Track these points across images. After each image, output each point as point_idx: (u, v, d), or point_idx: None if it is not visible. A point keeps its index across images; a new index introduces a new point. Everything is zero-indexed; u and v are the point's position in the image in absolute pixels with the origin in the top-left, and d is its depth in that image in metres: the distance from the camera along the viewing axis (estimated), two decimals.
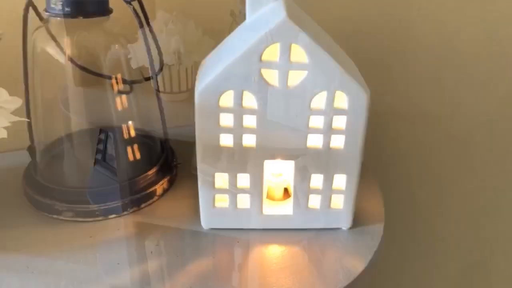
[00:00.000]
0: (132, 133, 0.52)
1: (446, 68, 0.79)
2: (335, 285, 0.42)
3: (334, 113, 0.42)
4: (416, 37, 0.76)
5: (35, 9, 0.49)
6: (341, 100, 0.42)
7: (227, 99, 0.41)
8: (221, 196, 0.47)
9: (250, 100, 0.41)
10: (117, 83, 0.49)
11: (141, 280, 0.42)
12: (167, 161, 0.54)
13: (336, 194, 0.46)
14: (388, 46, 0.76)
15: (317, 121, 0.42)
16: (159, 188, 0.52)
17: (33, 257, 0.44)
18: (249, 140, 0.43)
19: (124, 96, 0.50)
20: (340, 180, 0.46)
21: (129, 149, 0.52)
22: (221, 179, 0.46)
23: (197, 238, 0.47)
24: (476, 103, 0.83)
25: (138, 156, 0.53)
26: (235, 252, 0.46)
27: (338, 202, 0.47)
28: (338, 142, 0.44)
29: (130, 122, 0.52)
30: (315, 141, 0.44)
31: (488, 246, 0.98)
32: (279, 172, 0.49)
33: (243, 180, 0.45)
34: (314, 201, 0.47)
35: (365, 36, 0.74)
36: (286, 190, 0.51)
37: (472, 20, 0.76)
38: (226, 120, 0.42)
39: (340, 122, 0.43)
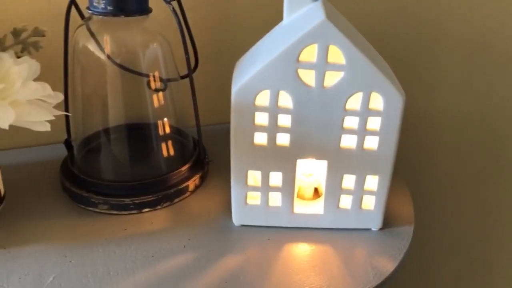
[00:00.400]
0: (167, 130, 0.54)
1: (476, 71, 0.79)
2: (365, 284, 0.42)
3: (369, 115, 0.42)
4: (445, 40, 0.75)
5: (77, 7, 0.51)
6: (377, 101, 0.42)
7: (263, 98, 0.42)
8: (253, 194, 0.47)
9: (285, 100, 0.42)
10: (154, 80, 0.51)
11: (175, 273, 0.43)
12: (199, 158, 0.55)
13: (367, 195, 0.47)
14: (416, 49, 0.76)
15: (351, 122, 0.43)
16: (191, 184, 0.53)
17: (71, 247, 0.46)
18: (283, 139, 0.44)
19: (160, 93, 0.52)
20: (372, 181, 0.46)
21: (163, 145, 0.54)
22: (254, 177, 0.47)
23: (229, 234, 0.48)
24: (507, 107, 0.82)
25: (172, 152, 0.54)
26: (266, 249, 0.46)
27: (369, 203, 0.47)
28: (371, 143, 0.44)
29: (165, 119, 0.53)
30: (348, 141, 0.44)
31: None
32: (310, 172, 0.50)
33: (275, 178, 0.46)
34: (345, 202, 0.47)
35: (392, 38, 0.74)
36: (316, 190, 0.52)
37: (503, 22, 0.75)
38: (261, 118, 0.43)
39: (374, 123, 0.43)
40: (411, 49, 0.76)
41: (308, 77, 0.41)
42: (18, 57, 0.48)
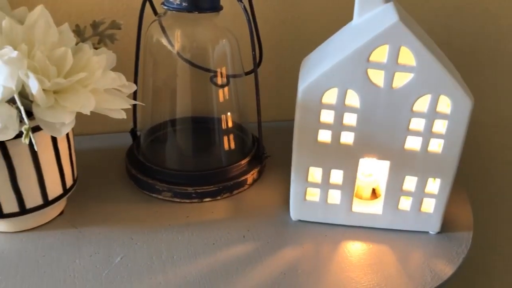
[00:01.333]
0: (230, 124, 0.55)
1: None
2: (423, 286, 0.43)
3: (436, 117, 0.43)
4: (509, 42, 0.74)
5: (151, 3, 0.54)
6: (445, 104, 0.42)
7: (330, 96, 0.43)
8: (312, 190, 0.48)
9: (353, 99, 0.43)
10: (221, 76, 0.52)
11: (236, 261, 0.45)
12: (258, 153, 0.57)
13: (428, 198, 0.47)
14: (478, 53, 0.74)
15: (417, 124, 0.43)
16: (250, 177, 0.55)
17: (136, 230, 0.48)
18: (347, 138, 0.45)
19: (225, 89, 0.53)
20: (433, 184, 0.46)
21: (225, 139, 0.56)
22: (315, 174, 0.48)
23: (286, 228, 0.49)
24: None
25: (232, 146, 0.56)
26: (323, 245, 0.47)
27: (429, 206, 0.47)
28: (436, 146, 0.44)
29: (228, 114, 0.55)
30: (413, 143, 0.44)
31: None
32: (369, 172, 0.51)
33: (336, 176, 0.47)
34: (405, 203, 0.47)
35: (454, 42, 0.73)
36: (373, 190, 0.52)
37: None
38: (327, 116, 0.44)
39: (440, 126, 0.43)
40: (473, 53, 0.75)
41: (377, 77, 0.42)
42: (95, 48, 0.50)
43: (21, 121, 0.39)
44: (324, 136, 0.45)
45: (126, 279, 0.42)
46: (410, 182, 0.46)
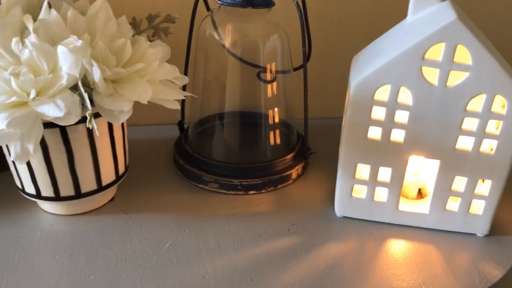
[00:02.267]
0: (276, 120, 0.56)
1: None
2: (471, 287, 0.42)
3: (490, 117, 0.42)
4: None
5: (205, 0, 0.55)
6: (499, 104, 0.41)
7: (382, 93, 0.43)
8: (359, 187, 0.48)
9: (405, 96, 0.43)
10: (270, 72, 0.53)
11: (281, 253, 0.45)
12: (303, 149, 0.57)
13: (477, 199, 0.46)
14: None
15: (470, 124, 0.43)
16: (294, 172, 0.55)
17: (184, 218, 0.50)
18: (397, 135, 0.45)
19: (274, 85, 0.54)
20: (483, 186, 0.46)
21: (271, 134, 0.56)
22: (362, 171, 0.48)
23: (331, 223, 0.50)
24: None
25: (278, 141, 0.57)
26: (368, 241, 0.47)
27: (478, 207, 0.47)
28: (489, 146, 0.43)
29: (276, 109, 0.55)
30: (465, 143, 0.44)
31: None
32: (416, 172, 0.50)
33: (384, 174, 0.47)
34: (453, 204, 0.47)
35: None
36: (419, 190, 0.52)
37: None
38: (378, 113, 0.44)
39: (494, 126, 0.43)
40: None
41: (431, 75, 0.41)
42: (150, 41, 0.52)
43: (83, 107, 0.41)
44: (374, 133, 0.45)
45: (175, 265, 0.44)
46: (459, 183, 0.46)
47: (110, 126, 0.47)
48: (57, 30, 0.42)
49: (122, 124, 0.49)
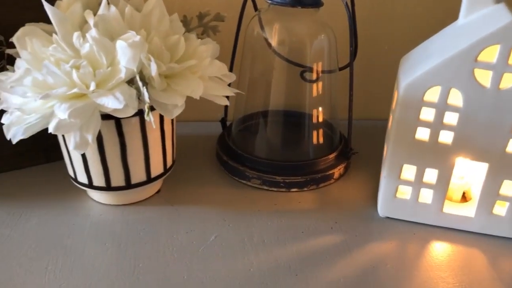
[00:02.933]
0: (320, 119, 0.56)
1: None
2: None
3: None
4: None
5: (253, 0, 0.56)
6: None
7: (432, 94, 0.43)
8: (403, 188, 0.49)
9: (455, 98, 0.43)
10: (316, 71, 0.54)
11: (324, 251, 0.46)
12: (345, 149, 0.58)
13: None
14: None
15: None
16: (336, 172, 0.56)
17: (228, 212, 0.51)
18: (445, 137, 0.45)
19: (319, 84, 0.55)
20: None
21: (314, 133, 0.57)
22: (408, 171, 0.48)
23: (373, 223, 0.50)
24: None
25: (321, 140, 0.57)
26: (411, 242, 0.47)
27: None
28: None
29: (320, 109, 0.56)
30: None
31: None
32: (461, 175, 0.50)
33: (430, 175, 0.47)
34: (500, 208, 0.47)
35: None
36: (463, 194, 0.51)
37: None
38: (427, 114, 0.44)
39: None
40: None
41: (484, 77, 0.41)
42: (199, 39, 0.53)
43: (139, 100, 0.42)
44: (422, 134, 0.45)
45: (220, 257, 0.45)
46: (508, 187, 0.45)
47: (161, 120, 0.48)
48: (115, 26, 0.44)
49: (172, 119, 0.50)
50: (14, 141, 0.41)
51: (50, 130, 0.40)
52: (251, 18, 0.54)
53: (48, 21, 0.46)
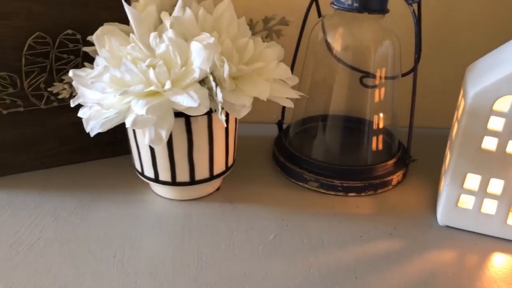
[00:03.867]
0: (381, 125, 0.56)
1: None
2: None
3: None
4: None
5: (317, 5, 0.57)
6: None
7: (502, 103, 0.43)
8: (466, 197, 0.48)
9: None
10: (380, 77, 0.54)
11: (384, 256, 0.46)
12: (403, 156, 0.57)
13: None
14: None
15: None
16: (395, 178, 0.56)
17: (286, 213, 0.51)
18: None
19: (382, 90, 0.55)
20: None
21: (374, 139, 0.57)
22: (471, 181, 0.47)
23: (433, 231, 0.49)
24: None
25: (380, 146, 0.57)
26: (473, 253, 0.47)
27: None
28: None
29: (381, 115, 0.56)
30: None
31: None
32: None
33: (495, 185, 0.46)
34: None
35: None
36: None
37: None
38: (496, 124, 0.44)
39: None
40: None
41: None
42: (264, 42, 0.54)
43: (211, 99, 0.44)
44: (490, 143, 0.45)
45: (280, 256, 0.45)
46: None
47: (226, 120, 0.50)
48: (189, 27, 0.46)
49: (236, 119, 0.52)
50: (92, 134, 0.44)
51: (128, 125, 0.42)
52: (315, 24, 0.55)
53: (121, 21, 0.49)
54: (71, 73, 0.45)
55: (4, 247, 0.45)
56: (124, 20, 0.49)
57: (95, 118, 0.44)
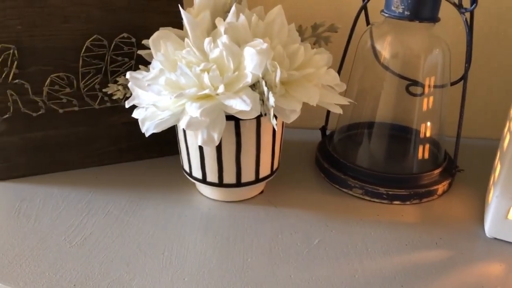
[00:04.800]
0: (428, 134, 0.56)
1: None
2: None
3: None
4: None
5: (366, 13, 0.57)
6: None
7: None
8: None
9: None
10: (428, 86, 0.54)
11: (429, 265, 0.45)
12: (449, 166, 0.57)
13: None
14: None
15: None
16: (440, 188, 0.55)
17: (330, 218, 0.52)
18: None
19: (430, 99, 0.54)
20: None
21: (420, 147, 0.57)
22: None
23: (480, 243, 0.49)
24: None
25: (426, 156, 0.57)
26: None
27: None
28: None
29: (428, 124, 0.56)
30: None
31: None
32: None
33: None
34: None
35: None
36: None
37: None
38: None
39: None
40: None
41: None
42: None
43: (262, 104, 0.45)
44: None
45: (325, 260, 0.46)
46: None
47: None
48: (242, 33, 0.47)
49: (283, 123, 0.52)
50: (147, 134, 0.45)
51: (182, 126, 0.43)
52: (363, 31, 0.56)
53: (174, 26, 0.50)
54: (128, 75, 0.47)
55: (58, 240, 0.47)
56: (177, 25, 0.51)
57: (150, 119, 0.45)
